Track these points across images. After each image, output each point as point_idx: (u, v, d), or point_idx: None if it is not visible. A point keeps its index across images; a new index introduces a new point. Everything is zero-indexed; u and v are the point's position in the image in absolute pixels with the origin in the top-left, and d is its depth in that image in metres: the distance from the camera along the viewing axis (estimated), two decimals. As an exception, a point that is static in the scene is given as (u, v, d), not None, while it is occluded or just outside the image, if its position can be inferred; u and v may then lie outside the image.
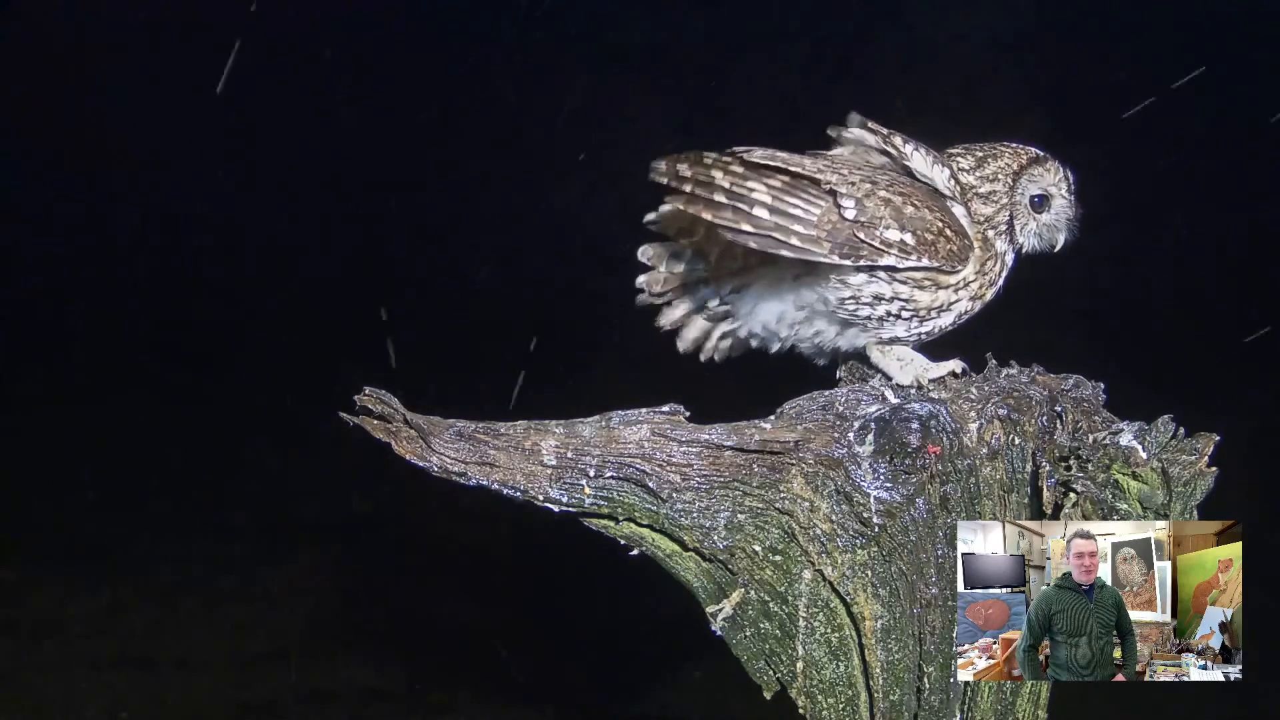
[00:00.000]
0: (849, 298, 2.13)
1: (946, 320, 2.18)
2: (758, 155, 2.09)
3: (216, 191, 8.24)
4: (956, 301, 2.17)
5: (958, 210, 2.18)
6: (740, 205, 2.02)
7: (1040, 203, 2.24)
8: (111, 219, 8.35)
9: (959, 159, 2.24)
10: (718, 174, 2.05)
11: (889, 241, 2.05)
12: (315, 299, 8.06)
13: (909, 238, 2.06)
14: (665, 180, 2.09)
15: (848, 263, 2.05)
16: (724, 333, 2.32)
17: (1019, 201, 2.23)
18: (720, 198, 2.02)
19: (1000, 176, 2.21)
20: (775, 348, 2.29)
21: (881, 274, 2.10)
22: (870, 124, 2.21)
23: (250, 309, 8.03)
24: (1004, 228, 2.21)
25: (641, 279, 2.32)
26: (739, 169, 2.06)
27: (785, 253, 2.02)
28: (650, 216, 2.28)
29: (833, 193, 2.04)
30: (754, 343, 2.31)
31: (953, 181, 2.18)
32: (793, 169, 2.07)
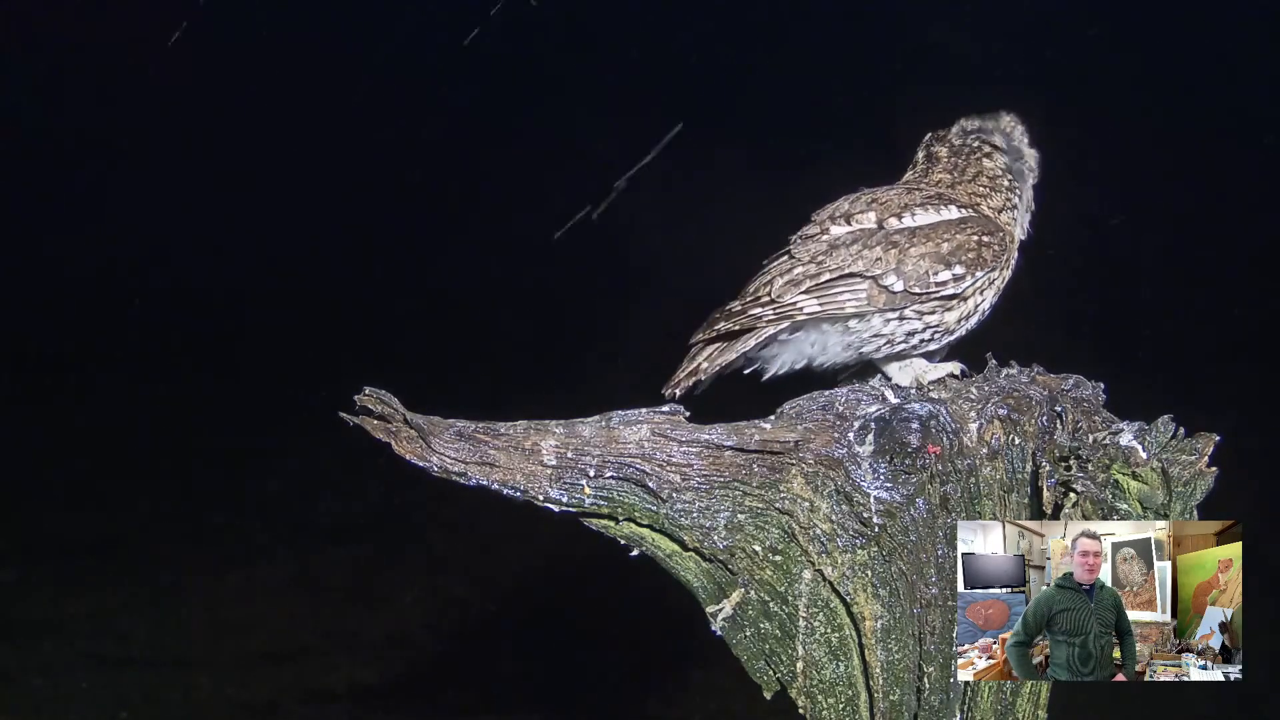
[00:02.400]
0: (884, 344, 2.17)
1: (974, 320, 2.21)
2: (779, 288, 2.16)
3: (220, 192, 8.24)
4: (982, 302, 2.20)
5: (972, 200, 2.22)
6: (790, 316, 2.14)
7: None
8: (115, 219, 8.35)
9: (986, 162, 2.26)
10: (756, 310, 2.16)
11: (943, 282, 2.12)
12: (316, 300, 8.07)
13: (958, 269, 2.12)
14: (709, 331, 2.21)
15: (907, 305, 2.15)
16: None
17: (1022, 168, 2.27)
18: (768, 319, 2.15)
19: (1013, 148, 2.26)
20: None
21: (910, 312, 2.14)
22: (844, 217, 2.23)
23: (252, 310, 8.04)
24: (1020, 206, 2.26)
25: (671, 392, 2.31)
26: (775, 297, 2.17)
27: (850, 309, 2.13)
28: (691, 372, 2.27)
29: (871, 277, 2.12)
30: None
31: (962, 209, 2.20)
32: (821, 280, 2.14)
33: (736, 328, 2.18)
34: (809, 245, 2.22)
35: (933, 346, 2.20)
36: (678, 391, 2.26)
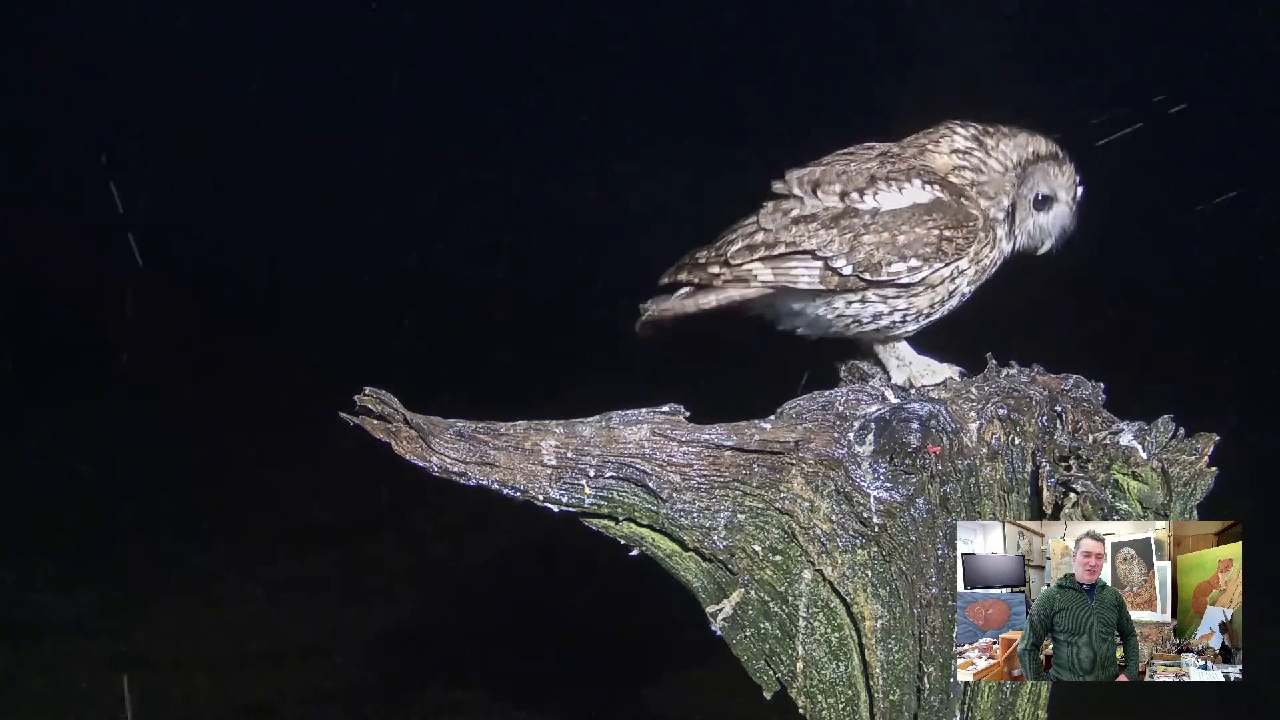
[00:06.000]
0: (851, 321, 2.17)
1: (953, 303, 2.19)
2: (738, 249, 2.16)
3: (218, 190, 8.24)
4: (955, 289, 2.17)
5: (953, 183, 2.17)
6: (745, 280, 2.15)
7: (1044, 201, 2.19)
8: (112, 217, 8.35)
9: (957, 135, 2.19)
10: (715, 269, 2.17)
11: (896, 273, 2.10)
12: (316, 299, 8.06)
13: (914, 261, 2.09)
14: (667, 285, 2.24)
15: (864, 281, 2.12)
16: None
17: (1025, 194, 2.18)
18: (725, 280, 2.16)
19: (1007, 159, 2.16)
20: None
21: (874, 296, 2.13)
22: (793, 179, 2.21)
23: (250, 309, 8.04)
24: (1004, 217, 2.17)
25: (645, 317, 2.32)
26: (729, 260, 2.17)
27: (803, 284, 2.12)
28: (650, 311, 2.28)
29: (823, 259, 2.11)
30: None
31: (929, 186, 2.15)
32: (776, 252, 2.13)
33: (696, 281, 2.18)
34: (775, 214, 2.19)
35: (911, 329, 2.19)
36: (649, 328, 2.26)
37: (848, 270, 2.10)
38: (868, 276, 2.10)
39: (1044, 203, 2.20)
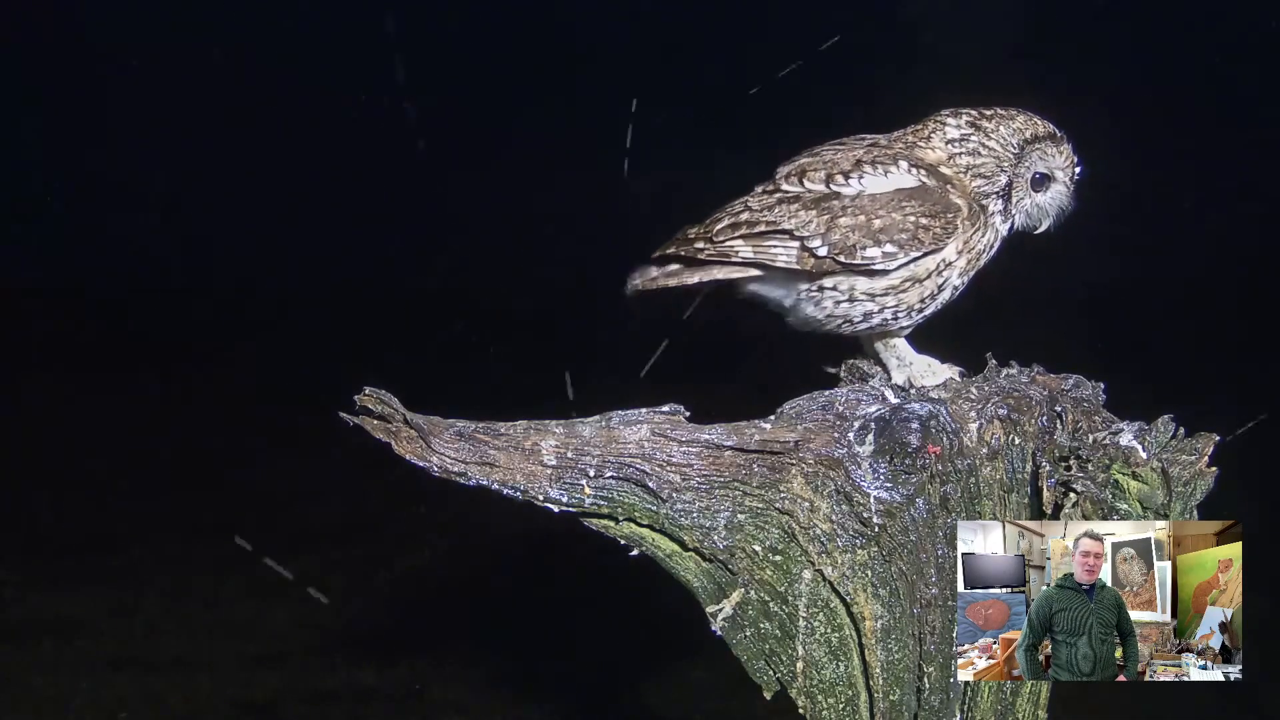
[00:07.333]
0: (842, 321, 2.17)
1: (945, 295, 2.17)
2: (722, 226, 2.18)
3: (217, 189, 8.24)
4: (945, 282, 2.14)
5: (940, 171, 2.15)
6: (727, 256, 2.17)
7: (1041, 181, 2.18)
8: (113, 216, 8.36)
9: (948, 125, 2.17)
10: (700, 244, 2.18)
11: (871, 258, 2.08)
12: (316, 298, 8.07)
13: (889, 247, 2.08)
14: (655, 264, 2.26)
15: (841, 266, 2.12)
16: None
17: (1022, 173, 2.16)
18: (709, 254, 2.18)
19: (1007, 142, 2.14)
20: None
21: (861, 294, 2.12)
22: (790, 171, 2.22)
23: (251, 308, 8.04)
24: (999, 194, 2.15)
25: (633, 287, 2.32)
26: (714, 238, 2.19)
27: (780, 265, 2.12)
28: (637, 284, 2.29)
29: (800, 239, 2.11)
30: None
31: (915, 170, 2.13)
32: (757, 230, 2.15)
33: (684, 254, 2.20)
34: (763, 196, 2.23)
35: (905, 325, 2.19)
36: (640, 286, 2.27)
37: (823, 252, 2.09)
38: (843, 259, 2.09)
39: (1041, 182, 2.19)
